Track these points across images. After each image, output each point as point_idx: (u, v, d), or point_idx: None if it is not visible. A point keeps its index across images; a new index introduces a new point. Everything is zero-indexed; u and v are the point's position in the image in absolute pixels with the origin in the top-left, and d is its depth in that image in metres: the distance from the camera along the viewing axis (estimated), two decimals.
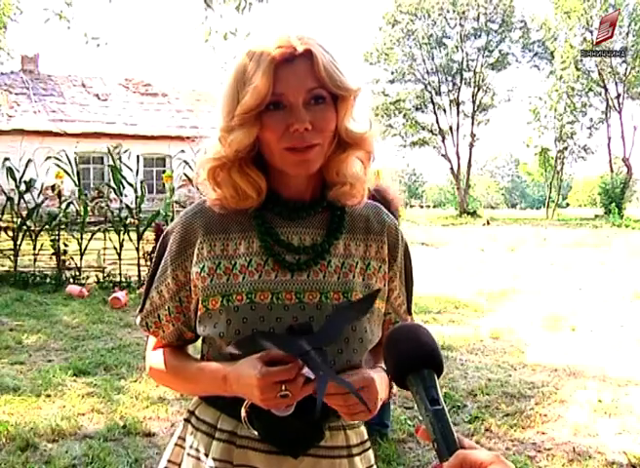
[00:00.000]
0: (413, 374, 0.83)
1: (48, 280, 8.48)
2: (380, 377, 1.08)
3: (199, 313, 1.12)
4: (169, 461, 1.20)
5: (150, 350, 1.23)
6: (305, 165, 1.05)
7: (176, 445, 1.20)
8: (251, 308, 1.07)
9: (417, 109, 38.57)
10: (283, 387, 0.96)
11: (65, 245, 8.70)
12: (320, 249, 1.12)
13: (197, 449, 1.14)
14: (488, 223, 26.72)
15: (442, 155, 38.11)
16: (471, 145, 37.99)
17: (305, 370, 0.98)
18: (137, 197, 8.98)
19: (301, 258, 1.11)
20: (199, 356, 1.21)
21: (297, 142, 1.03)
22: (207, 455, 1.12)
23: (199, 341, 1.22)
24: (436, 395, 0.80)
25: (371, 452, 1.22)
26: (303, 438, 1.07)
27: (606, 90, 33.27)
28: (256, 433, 1.06)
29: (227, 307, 1.08)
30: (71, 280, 8.50)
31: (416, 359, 0.84)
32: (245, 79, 1.03)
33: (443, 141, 37.88)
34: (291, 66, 1.02)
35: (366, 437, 1.21)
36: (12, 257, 8.60)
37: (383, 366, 1.11)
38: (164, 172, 18.18)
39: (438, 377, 0.84)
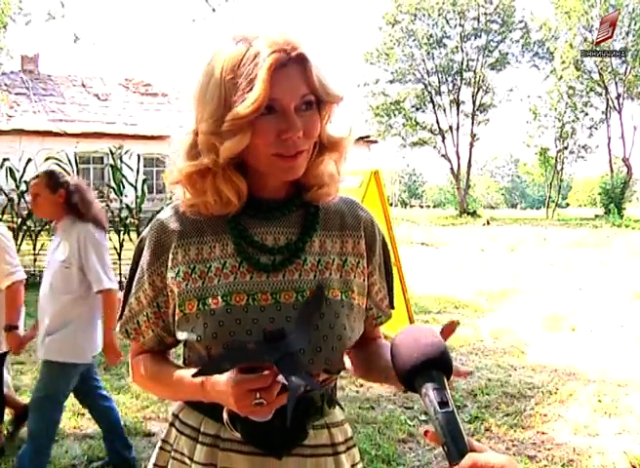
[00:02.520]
0: (422, 376, 0.83)
1: None
2: None
3: (176, 318, 1.11)
4: (155, 465, 1.20)
5: (132, 356, 1.23)
6: (293, 171, 1.04)
7: (161, 448, 1.20)
8: (227, 311, 1.06)
9: (417, 109, 38.60)
10: (257, 395, 0.95)
11: None
12: (295, 248, 1.11)
13: (182, 453, 1.14)
14: (488, 223, 26.72)
15: (442, 155, 38.12)
16: (471, 145, 38.01)
17: (281, 377, 0.96)
18: (137, 197, 8.98)
19: (276, 259, 1.10)
20: (181, 360, 1.20)
21: (287, 150, 1.01)
22: (191, 459, 1.12)
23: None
24: (445, 397, 0.79)
25: (356, 450, 1.21)
26: (286, 438, 1.06)
27: (606, 90, 33.27)
28: (238, 435, 1.06)
29: (204, 311, 1.07)
30: None
31: (424, 361, 0.83)
32: (235, 81, 0.99)
33: (443, 141, 37.89)
34: (285, 71, 0.99)
35: (350, 434, 1.20)
36: None
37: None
38: (164, 172, 18.18)
39: (447, 379, 0.83)
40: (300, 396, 0.96)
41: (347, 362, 1.22)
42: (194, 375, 1.01)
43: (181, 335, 1.11)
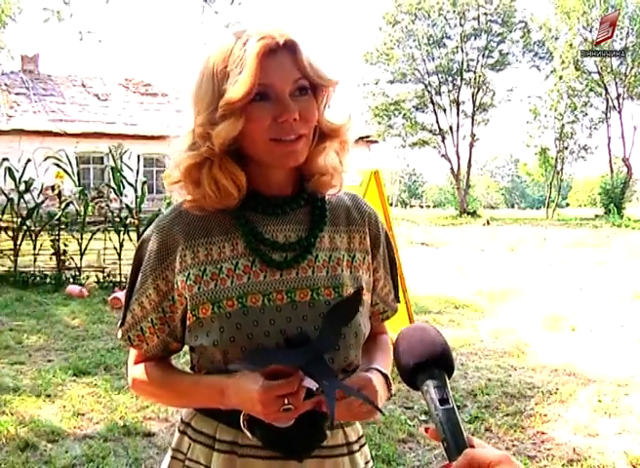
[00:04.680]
0: (423, 374, 0.84)
1: (48, 280, 8.48)
2: (376, 378, 1.08)
3: (188, 323, 1.09)
4: None
5: (132, 364, 1.19)
6: (294, 156, 1.04)
7: (173, 458, 1.17)
8: (243, 313, 1.04)
9: (417, 109, 38.56)
10: (286, 401, 0.94)
11: (65, 245, 8.70)
12: (306, 243, 1.10)
13: (197, 462, 1.12)
14: (488, 223, 26.69)
15: (442, 155, 38.10)
16: (471, 145, 37.98)
17: (306, 382, 0.96)
18: (137, 197, 8.97)
19: (289, 255, 1.09)
20: (188, 366, 1.18)
21: (285, 133, 1.01)
22: (208, 467, 1.10)
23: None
24: (446, 394, 0.81)
25: (367, 447, 1.22)
26: (307, 441, 1.05)
27: (606, 90, 33.26)
28: (257, 441, 1.04)
29: (219, 314, 1.05)
30: (71, 280, 8.50)
31: (426, 358, 0.85)
32: (226, 71, 1.00)
33: (443, 142, 37.87)
34: (275, 57, 1.00)
35: (361, 432, 1.21)
36: (12, 257, 8.59)
37: (378, 366, 1.12)
38: (164, 172, 18.19)
39: (449, 378, 0.85)
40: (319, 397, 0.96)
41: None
42: (232, 367, 1.01)
43: (195, 341, 1.08)
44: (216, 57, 1.02)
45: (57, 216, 8.67)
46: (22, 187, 8.77)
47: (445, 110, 37.91)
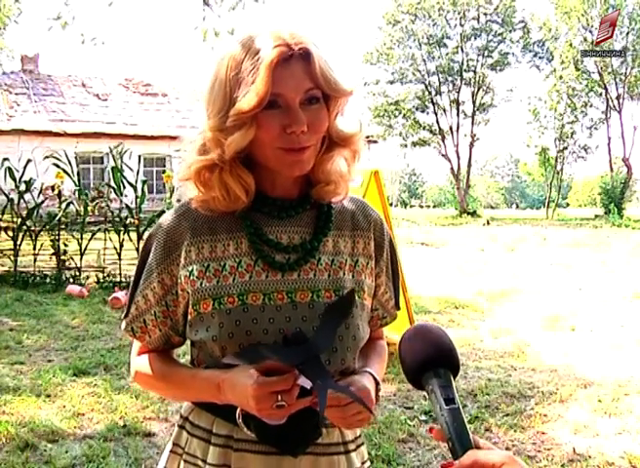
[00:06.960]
0: (429, 373, 0.84)
1: (48, 280, 8.48)
2: (368, 381, 1.09)
3: (190, 317, 1.11)
4: None
5: (135, 355, 1.22)
6: (300, 165, 1.04)
7: (171, 451, 1.18)
8: (243, 310, 1.06)
9: (417, 109, 38.55)
10: (279, 397, 0.95)
11: (65, 245, 8.70)
12: (309, 247, 1.11)
13: (194, 456, 1.13)
14: (488, 223, 26.69)
15: (442, 155, 38.09)
16: (471, 145, 37.98)
17: (301, 380, 0.97)
18: (137, 197, 8.97)
19: (291, 258, 1.10)
20: (188, 359, 1.20)
21: (292, 144, 1.02)
22: (204, 461, 1.11)
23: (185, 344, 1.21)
24: (451, 394, 0.81)
25: (364, 448, 1.22)
26: (302, 437, 1.06)
27: (606, 90, 33.25)
28: (252, 435, 1.05)
29: (219, 310, 1.06)
30: (71, 280, 8.50)
31: (432, 358, 0.85)
32: (239, 78, 1.00)
33: (443, 141, 37.85)
34: (287, 66, 1.00)
35: (359, 432, 1.21)
36: (12, 257, 8.59)
37: (372, 371, 1.13)
38: (164, 172, 18.21)
39: (454, 378, 0.85)
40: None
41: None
42: (226, 361, 1.02)
43: (195, 335, 1.10)
44: (229, 61, 1.02)
45: (57, 216, 8.67)
46: (22, 187, 8.77)
47: (445, 110, 37.90)
